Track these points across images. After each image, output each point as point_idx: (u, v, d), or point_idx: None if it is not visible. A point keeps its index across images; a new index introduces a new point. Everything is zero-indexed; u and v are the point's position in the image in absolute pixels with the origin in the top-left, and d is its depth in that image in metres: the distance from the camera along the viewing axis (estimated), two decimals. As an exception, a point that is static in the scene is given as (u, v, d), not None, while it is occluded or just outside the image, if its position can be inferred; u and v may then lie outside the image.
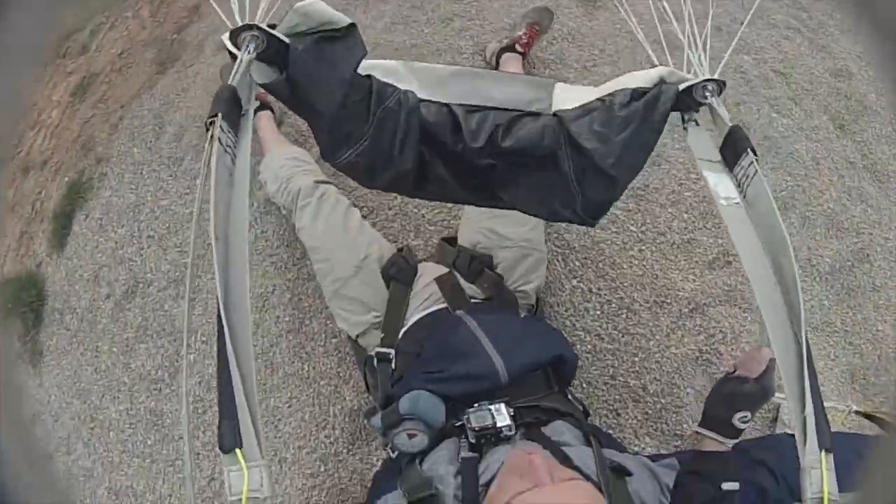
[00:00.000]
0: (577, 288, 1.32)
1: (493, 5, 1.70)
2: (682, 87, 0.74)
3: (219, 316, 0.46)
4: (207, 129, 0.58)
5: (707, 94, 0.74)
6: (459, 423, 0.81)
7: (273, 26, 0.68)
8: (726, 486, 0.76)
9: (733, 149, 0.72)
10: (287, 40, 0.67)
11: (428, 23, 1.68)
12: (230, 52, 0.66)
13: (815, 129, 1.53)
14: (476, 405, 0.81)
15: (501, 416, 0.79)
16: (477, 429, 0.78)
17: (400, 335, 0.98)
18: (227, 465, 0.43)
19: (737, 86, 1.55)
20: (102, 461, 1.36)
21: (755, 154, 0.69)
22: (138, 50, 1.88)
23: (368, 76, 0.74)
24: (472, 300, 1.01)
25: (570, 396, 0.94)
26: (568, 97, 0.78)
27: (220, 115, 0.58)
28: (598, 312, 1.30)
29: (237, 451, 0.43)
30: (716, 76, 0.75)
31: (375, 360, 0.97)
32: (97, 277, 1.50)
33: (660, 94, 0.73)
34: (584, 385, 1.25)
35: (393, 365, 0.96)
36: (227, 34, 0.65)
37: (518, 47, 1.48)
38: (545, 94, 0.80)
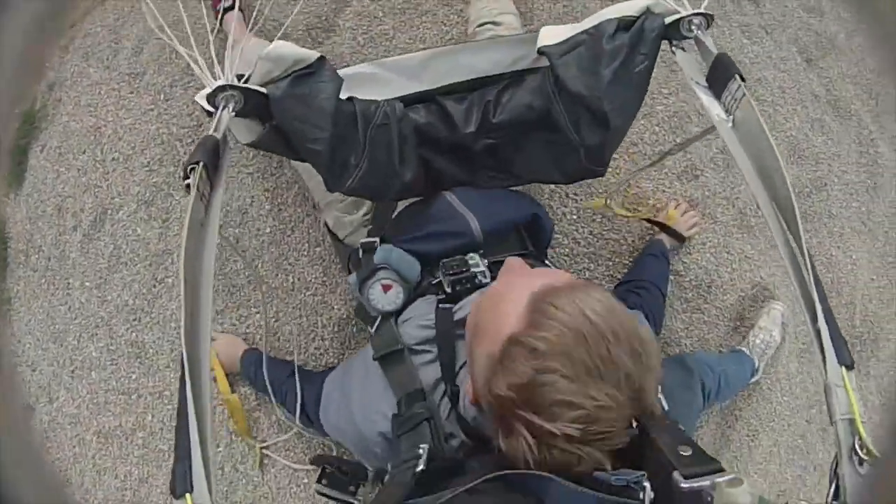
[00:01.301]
0: (555, 192, 1.36)
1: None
2: (668, 20, 0.75)
3: (181, 358, 0.46)
4: (186, 176, 0.57)
5: (693, 27, 0.75)
6: (436, 280, 0.81)
7: (242, 78, 0.67)
8: None
9: (721, 74, 0.71)
10: (264, 90, 0.67)
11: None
12: (206, 111, 0.66)
13: (783, 59, 1.57)
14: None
15: (475, 262, 0.80)
16: (451, 273, 0.78)
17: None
18: None
19: (711, 8, 1.53)
20: (87, 404, 1.35)
21: (743, 79, 0.69)
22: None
23: (350, 99, 0.75)
24: None
25: (547, 261, 0.96)
26: (553, 34, 0.77)
27: (201, 163, 0.57)
28: (575, 217, 1.35)
29: (187, 496, 0.42)
30: (702, 8, 0.76)
31: (361, 252, 0.95)
32: (61, 210, 1.43)
33: (645, 24, 0.74)
34: (561, 287, 1.31)
35: None
36: (202, 94, 0.65)
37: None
38: (530, 48, 0.79)
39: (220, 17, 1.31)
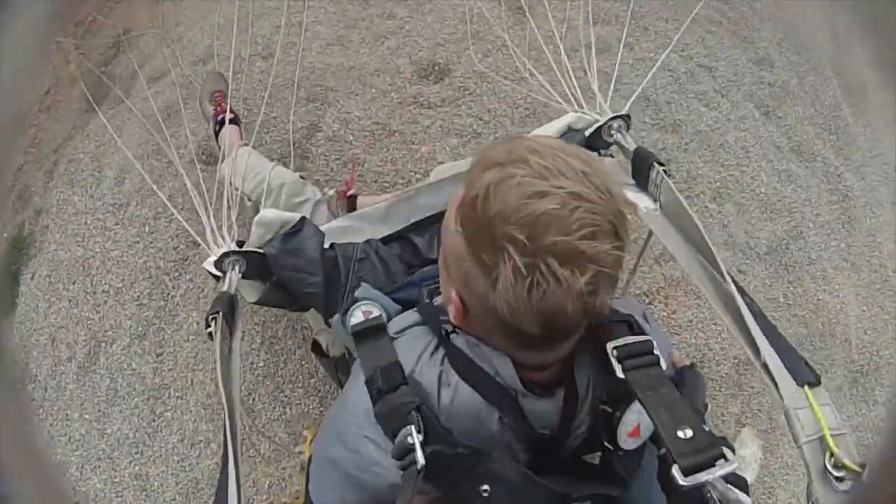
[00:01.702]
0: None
1: (427, 19, 1.71)
2: (588, 132, 0.82)
3: (224, 449, 0.56)
4: (208, 325, 0.69)
5: (613, 132, 0.83)
6: None
7: (240, 243, 0.83)
8: None
9: (642, 167, 0.79)
10: (262, 251, 0.82)
11: (363, 42, 1.67)
12: (214, 275, 0.80)
13: (742, 118, 1.63)
14: None
15: None
16: (430, 285, 0.77)
17: None
18: None
19: (666, 84, 1.63)
20: (94, 535, 1.32)
21: (661, 164, 0.77)
22: (65, 87, 1.78)
23: (332, 246, 0.89)
24: None
25: None
26: None
27: (221, 313, 0.70)
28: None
29: None
30: (625, 111, 0.83)
31: (349, 355, 0.93)
32: (55, 340, 1.44)
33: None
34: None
35: None
36: (210, 262, 0.80)
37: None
38: None
39: (218, 130, 1.34)
